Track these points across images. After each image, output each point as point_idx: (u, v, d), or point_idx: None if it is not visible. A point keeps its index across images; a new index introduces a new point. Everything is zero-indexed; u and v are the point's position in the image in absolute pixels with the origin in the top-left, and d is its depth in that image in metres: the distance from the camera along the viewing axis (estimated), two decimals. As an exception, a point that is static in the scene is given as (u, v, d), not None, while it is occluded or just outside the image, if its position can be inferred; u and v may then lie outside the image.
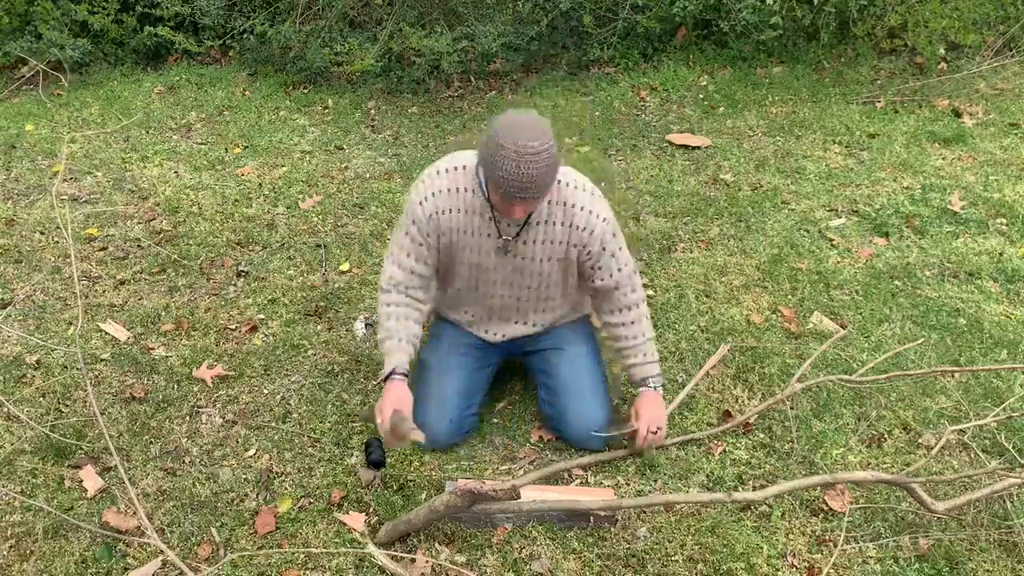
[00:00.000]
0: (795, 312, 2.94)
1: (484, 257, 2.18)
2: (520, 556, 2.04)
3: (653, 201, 3.72)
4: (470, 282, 2.25)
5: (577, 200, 2.11)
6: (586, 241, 2.14)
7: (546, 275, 2.22)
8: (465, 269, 2.22)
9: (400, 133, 4.51)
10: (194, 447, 2.40)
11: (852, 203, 3.65)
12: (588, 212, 2.11)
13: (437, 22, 4.99)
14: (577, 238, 2.14)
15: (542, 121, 1.92)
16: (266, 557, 2.05)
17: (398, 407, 2.09)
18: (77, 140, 4.36)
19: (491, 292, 2.27)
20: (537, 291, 2.27)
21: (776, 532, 2.09)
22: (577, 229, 2.12)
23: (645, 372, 2.29)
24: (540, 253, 2.17)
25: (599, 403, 2.34)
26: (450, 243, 2.15)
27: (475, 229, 2.13)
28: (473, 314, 2.37)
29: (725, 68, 5.18)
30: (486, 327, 2.38)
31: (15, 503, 2.21)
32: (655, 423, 2.23)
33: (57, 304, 3.06)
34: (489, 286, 2.25)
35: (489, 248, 2.15)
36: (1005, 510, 2.13)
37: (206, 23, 5.24)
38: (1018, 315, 2.89)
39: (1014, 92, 4.74)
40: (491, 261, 2.18)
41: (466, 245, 2.15)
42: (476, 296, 2.30)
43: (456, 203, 2.10)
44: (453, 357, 2.37)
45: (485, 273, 2.22)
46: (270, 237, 3.49)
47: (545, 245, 2.15)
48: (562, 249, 2.16)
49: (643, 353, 2.29)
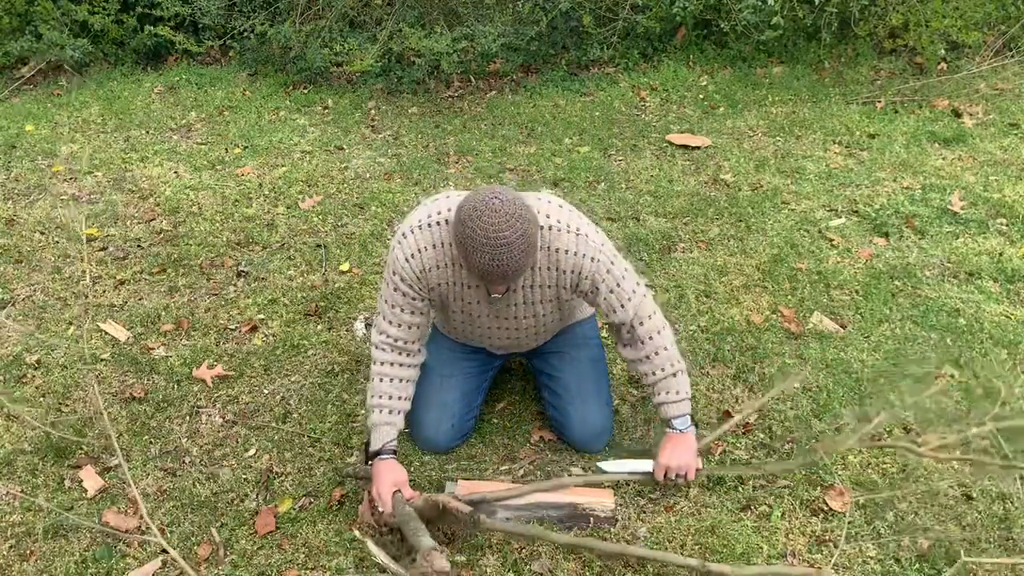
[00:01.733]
0: (795, 312, 2.94)
1: (476, 306, 2.12)
2: (520, 556, 2.04)
3: (653, 201, 3.72)
4: (465, 324, 2.21)
5: (561, 244, 1.97)
6: (576, 282, 2.03)
7: (540, 315, 2.15)
8: (459, 315, 2.17)
9: (400, 133, 4.51)
10: (194, 447, 2.40)
11: (852, 203, 3.65)
12: (574, 255, 1.98)
13: (437, 22, 4.99)
14: (565, 281, 2.03)
15: (510, 203, 1.77)
16: (266, 557, 2.06)
17: (396, 488, 2.05)
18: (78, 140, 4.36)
19: (487, 334, 2.23)
20: (534, 328, 2.21)
21: (776, 532, 2.09)
22: (564, 273, 2.01)
23: (668, 412, 2.13)
24: (530, 298, 2.09)
25: (602, 408, 2.33)
26: (440, 296, 2.09)
27: (463, 282, 2.05)
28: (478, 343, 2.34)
29: (725, 68, 5.18)
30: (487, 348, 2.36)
31: (15, 503, 2.21)
32: (677, 470, 2.12)
33: (57, 304, 3.06)
34: (484, 329, 2.20)
35: (479, 298, 2.08)
36: (1005, 510, 2.13)
37: (206, 23, 5.23)
38: (1018, 315, 2.89)
39: (1014, 92, 4.74)
40: (483, 309, 2.12)
41: (455, 297, 2.09)
42: (473, 332, 2.25)
43: (442, 258, 2.00)
44: (456, 362, 2.35)
45: (479, 319, 2.16)
46: (270, 237, 3.49)
47: (534, 290, 2.06)
48: (552, 292, 2.07)
49: (666, 391, 2.12)
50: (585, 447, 2.35)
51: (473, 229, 1.76)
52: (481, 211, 1.76)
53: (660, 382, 2.12)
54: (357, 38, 4.87)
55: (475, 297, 2.08)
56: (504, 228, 1.75)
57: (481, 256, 1.77)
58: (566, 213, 2.00)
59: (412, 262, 2.00)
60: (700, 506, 2.18)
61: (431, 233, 1.98)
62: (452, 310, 2.15)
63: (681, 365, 2.13)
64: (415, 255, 1.99)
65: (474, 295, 2.07)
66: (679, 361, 2.13)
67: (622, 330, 2.11)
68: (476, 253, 1.78)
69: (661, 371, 2.11)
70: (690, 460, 2.13)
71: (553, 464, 2.33)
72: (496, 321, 2.16)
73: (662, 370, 2.11)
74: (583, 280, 2.02)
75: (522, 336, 2.24)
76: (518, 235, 1.77)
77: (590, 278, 2.01)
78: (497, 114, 4.70)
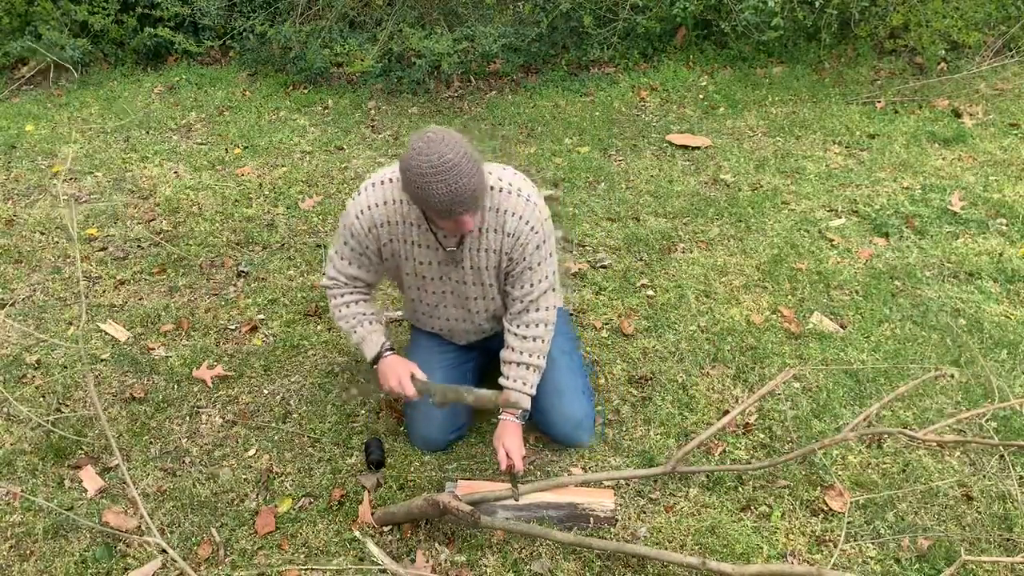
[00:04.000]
0: (795, 312, 2.93)
1: (426, 268, 2.16)
2: (520, 556, 2.04)
3: (653, 201, 3.72)
4: (420, 292, 2.25)
5: (509, 206, 2.04)
6: (511, 247, 2.08)
7: (487, 286, 2.18)
8: (412, 279, 2.22)
9: (400, 133, 4.51)
10: (194, 447, 2.40)
11: (852, 203, 3.65)
12: (519, 219, 2.04)
13: (437, 23, 4.99)
14: (508, 245, 2.08)
15: (442, 131, 1.85)
16: (266, 557, 2.06)
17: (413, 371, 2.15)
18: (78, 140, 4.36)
19: (439, 302, 2.26)
20: (484, 301, 2.24)
21: (776, 532, 2.09)
22: (508, 236, 2.06)
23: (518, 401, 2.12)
24: (479, 262, 2.12)
25: (578, 397, 2.33)
26: (392, 254, 2.15)
27: (414, 240, 2.10)
28: (440, 327, 2.37)
29: (725, 68, 5.18)
30: (450, 336, 2.39)
31: (15, 503, 2.21)
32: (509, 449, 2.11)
33: (57, 304, 3.06)
34: (435, 296, 2.24)
35: (430, 258, 2.14)
36: (1005, 510, 2.13)
37: (206, 23, 5.24)
38: (1018, 315, 2.89)
39: (1014, 92, 4.74)
40: (433, 271, 2.17)
41: (407, 255, 2.14)
42: (429, 308, 2.30)
43: (392, 215, 2.07)
44: (434, 358, 2.36)
45: (430, 284, 2.21)
46: (270, 237, 3.49)
47: (482, 254, 2.10)
48: (495, 258, 2.11)
49: (523, 380, 2.18)
50: (570, 441, 2.35)
51: (418, 164, 1.80)
52: (419, 148, 1.81)
53: (521, 367, 2.18)
54: (357, 38, 4.87)
55: (427, 257, 2.13)
56: (446, 152, 1.80)
57: (437, 187, 1.80)
58: (519, 179, 2.08)
59: (362, 218, 2.08)
60: (700, 506, 2.18)
61: (383, 190, 2.06)
62: (406, 272, 2.19)
63: (543, 365, 2.22)
64: (365, 211, 2.07)
65: (425, 254, 2.12)
66: (544, 360, 2.21)
67: (516, 303, 2.17)
68: (431, 187, 1.81)
69: (528, 356, 2.18)
70: (522, 448, 2.17)
71: (553, 464, 2.33)
72: (447, 285, 2.20)
73: (530, 356, 2.18)
74: (517, 246, 2.08)
75: (473, 312, 2.27)
76: (461, 155, 1.82)
77: (522, 245, 2.08)
78: (497, 114, 4.70)
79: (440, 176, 1.80)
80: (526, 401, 2.19)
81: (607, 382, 2.62)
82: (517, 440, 2.16)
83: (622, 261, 3.27)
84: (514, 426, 2.18)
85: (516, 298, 2.17)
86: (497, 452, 2.12)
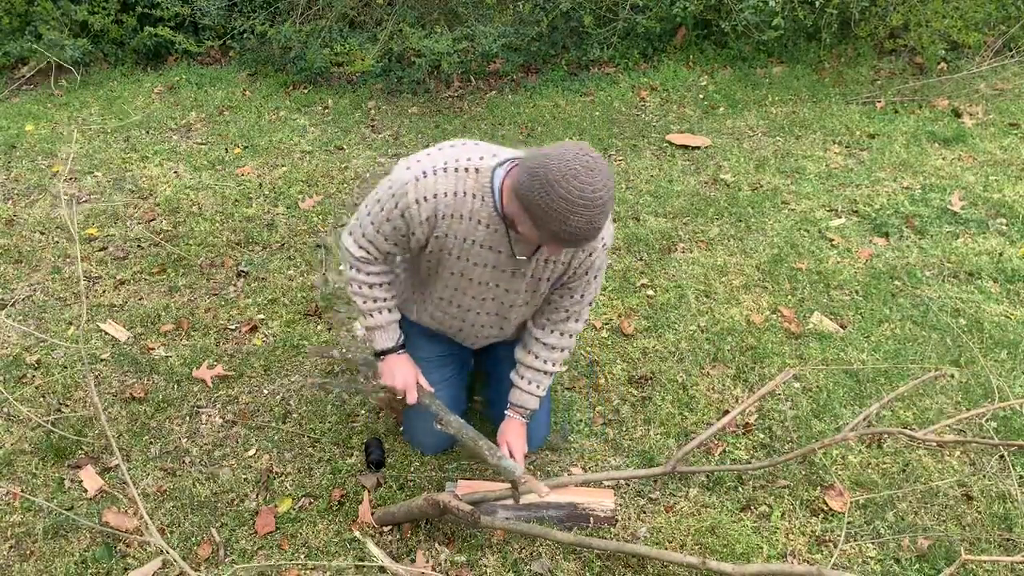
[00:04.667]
0: (795, 312, 2.93)
1: (479, 270, 1.97)
2: (520, 556, 2.04)
3: (653, 201, 3.72)
4: (453, 292, 2.06)
5: None
6: (580, 261, 1.97)
7: (540, 293, 2.06)
8: (452, 278, 2.01)
9: (400, 133, 4.51)
10: (194, 447, 2.40)
11: (852, 203, 3.65)
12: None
13: (437, 22, 4.99)
14: (579, 259, 1.97)
15: (598, 160, 1.65)
16: (266, 557, 2.06)
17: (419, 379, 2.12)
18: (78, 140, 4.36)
19: (474, 307, 2.09)
20: (527, 309, 2.12)
21: (776, 532, 2.09)
22: (583, 251, 1.95)
23: (527, 403, 2.15)
24: (543, 272, 1.99)
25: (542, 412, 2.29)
26: (441, 248, 1.92)
27: (479, 240, 1.90)
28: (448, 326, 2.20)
29: (725, 68, 5.18)
30: (461, 336, 2.23)
31: (15, 503, 2.21)
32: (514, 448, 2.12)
33: (57, 304, 3.06)
34: (473, 300, 2.06)
35: (489, 261, 1.95)
36: (1005, 510, 2.13)
37: (206, 23, 5.24)
38: (1018, 315, 2.89)
39: (1014, 92, 4.74)
40: (486, 275, 1.98)
41: (461, 254, 1.93)
42: (457, 310, 2.11)
43: (460, 209, 1.84)
44: (435, 370, 2.24)
45: (474, 287, 2.02)
46: (270, 237, 3.49)
47: (550, 265, 1.97)
48: (561, 270, 1.99)
49: (537, 383, 2.15)
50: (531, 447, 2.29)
51: (569, 191, 1.60)
52: (578, 171, 1.61)
53: (540, 373, 2.15)
54: (357, 38, 4.87)
55: (486, 259, 1.94)
56: (600, 188, 1.63)
57: (578, 220, 1.63)
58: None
59: (424, 205, 1.83)
60: (700, 506, 2.18)
61: (457, 179, 1.82)
62: (449, 270, 1.99)
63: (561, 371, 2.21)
64: (430, 198, 1.83)
65: (485, 257, 1.94)
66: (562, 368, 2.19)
67: (559, 311, 2.09)
68: (572, 217, 1.62)
69: (552, 365, 2.15)
70: (524, 447, 2.17)
71: (553, 464, 2.33)
72: (494, 292, 2.03)
73: (553, 364, 2.15)
74: (587, 260, 1.96)
75: (510, 319, 2.14)
76: (610, 195, 1.67)
77: (592, 261, 1.98)
78: (497, 114, 4.70)
79: (587, 211, 1.62)
80: (535, 403, 2.18)
81: (607, 382, 2.62)
82: (521, 440, 2.15)
83: (622, 261, 3.27)
84: (519, 425, 2.17)
85: (563, 307, 2.08)
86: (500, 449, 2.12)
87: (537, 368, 2.14)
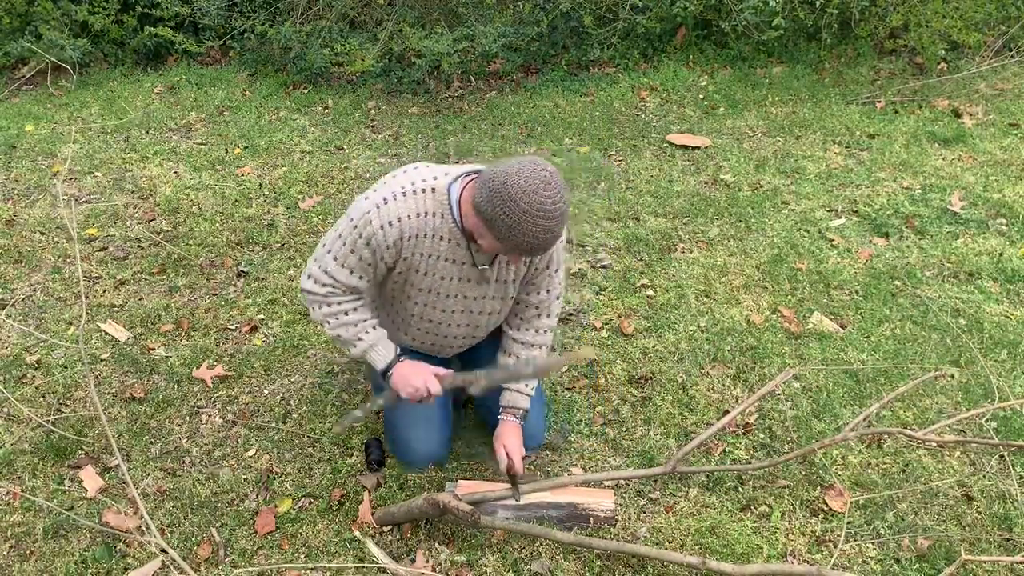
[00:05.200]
0: (795, 312, 2.93)
1: (445, 284, 2.02)
2: (520, 556, 2.04)
3: (653, 201, 3.72)
4: (424, 308, 2.09)
5: None
6: (541, 256, 2.02)
7: (508, 299, 2.11)
8: (421, 295, 2.05)
9: (400, 133, 4.51)
10: (194, 447, 2.40)
11: (852, 203, 3.65)
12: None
13: (437, 22, 4.99)
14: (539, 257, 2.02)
15: (554, 173, 1.73)
16: (266, 557, 2.06)
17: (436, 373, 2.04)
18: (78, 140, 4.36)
19: (445, 320, 2.12)
20: (497, 316, 2.16)
21: (776, 532, 2.09)
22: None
23: (518, 403, 2.16)
24: (508, 275, 2.05)
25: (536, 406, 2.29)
26: (409, 268, 1.97)
27: (443, 255, 1.95)
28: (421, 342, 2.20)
29: (725, 68, 5.18)
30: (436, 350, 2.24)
31: (15, 503, 2.21)
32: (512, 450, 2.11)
33: (57, 304, 3.06)
34: (443, 313, 2.10)
35: (453, 275, 2.00)
36: (1005, 510, 2.13)
37: (206, 23, 5.24)
38: (1018, 315, 2.89)
39: (1014, 92, 4.74)
40: (452, 287, 2.03)
41: (427, 271, 1.98)
42: (429, 324, 2.13)
43: (424, 228, 1.90)
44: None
45: (442, 300, 2.06)
46: (270, 237, 3.49)
47: (511, 267, 2.03)
48: (524, 268, 2.06)
49: (527, 383, 2.17)
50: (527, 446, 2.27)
51: (530, 204, 1.69)
52: (535, 185, 1.69)
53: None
54: (357, 38, 4.87)
55: (451, 272, 1.99)
56: (558, 200, 1.72)
57: (535, 230, 1.71)
58: None
59: (389, 230, 1.88)
60: (700, 506, 2.18)
61: (417, 201, 1.89)
62: (417, 287, 2.02)
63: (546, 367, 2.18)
64: (394, 223, 1.88)
65: (450, 270, 1.99)
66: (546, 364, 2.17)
67: (529, 308, 2.14)
68: (530, 227, 1.71)
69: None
70: (521, 449, 2.14)
71: (553, 464, 2.33)
72: (462, 303, 2.08)
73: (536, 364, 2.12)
74: (545, 256, 2.03)
75: (481, 327, 2.18)
76: (567, 204, 1.75)
77: (552, 255, 2.04)
78: (497, 114, 4.70)
79: (549, 221, 1.71)
80: (527, 403, 2.19)
81: (607, 382, 2.62)
82: (517, 441, 2.15)
83: (622, 261, 3.27)
84: (514, 426, 2.17)
85: (532, 304, 2.13)
86: (497, 452, 2.11)
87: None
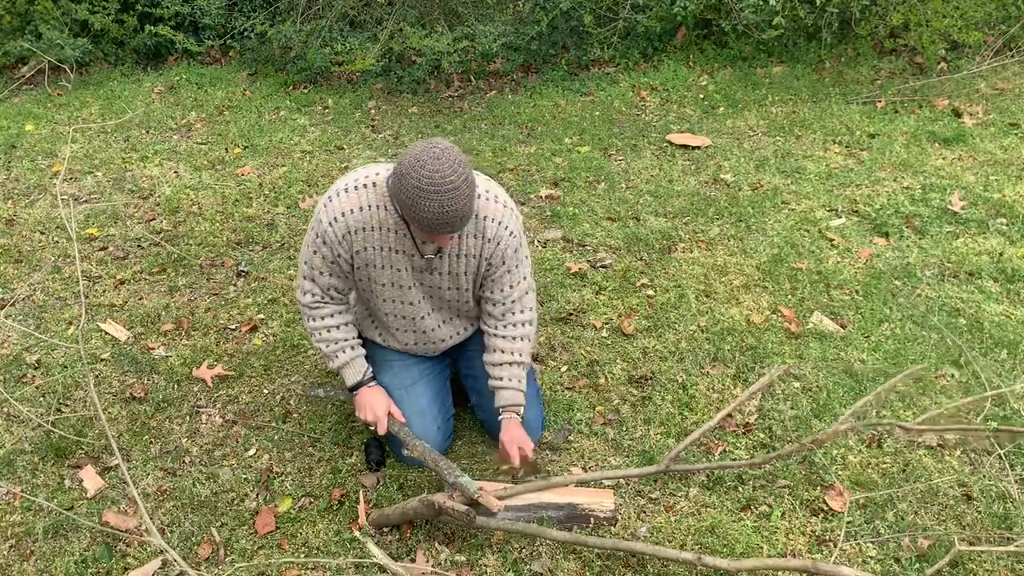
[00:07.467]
0: (795, 312, 2.93)
1: (402, 275, 2.10)
2: (520, 556, 2.04)
3: (653, 201, 3.72)
4: (395, 305, 2.17)
5: (489, 212, 2.03)
6: (491, 252, 2.06)
7: (463, 290, 2.15)
8: (386, 290, 2.13)
9: (400, 133, 4.51)
10: (194, 447, 2.40)
11: (852, 203, 3.65)
12: (497, 224, 2.03)
13: (437, 22, 5.00)
14: (488, 250, 2.06)
15: (449, 150, 1.82)
16: (266, 557, 2.06)
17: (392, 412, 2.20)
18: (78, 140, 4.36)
19: (417, 313, 2.19)
20: (458, 304, 2.21)
21: (776, 532, 2.09)
22: (487, 242, 2.05)
23: (514, 399, 2.18)
24: (455, 268, 2.09)
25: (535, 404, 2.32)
26: (365, 263, 2.07)
27: (391, 246, 2.04)
28: (405, 343, 2.29)
29: (725, 68, 5.18)
30: (425, 349, 2.32)
31: (15, 503, 2.21)
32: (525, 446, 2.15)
33: (57, 304, 3.06)
34: (410, 306, 2.17)
35: (406, 265, 2.08)
36: (1005, 509, 2.13)
37: (206, 23, 5.24)
38: (1018, 315, 2.89)
39: (1014, 92, 4.74)
40: (408, 278, 2.11)
41: (383, 263, 2.07)
42: (405, 321, 2.22)
43: (369, 220, 2.00)
44: (411, 370, 2.31)
45: (405, 292, 2.14)
46: (270, 237, 3.49)
47: (461, 260, 2.07)
48: (475, 263, 2.09)
49: (518, 379, 2.19)
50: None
51: (419, 178, 1.78)
52: (424, 161, 1.79)
53: (513, 367, 2.18)
54: (357, 38, 4.87)
55: (403, 264, 2.08)
56: (449, 173, 1.79)
57: (430, 204, 1.79)
58: (494, 185, 2.08)
59: (336, 225, 2.00)
60: (700, 506, 2.18)
61: (358, 195, 1.99)
62: (380, 282, 2.12)
63: (530, 362, 2.22)
64: (339, 218, 1.99)
65: (402, 261, 2.07)
66: (530, 358, 2.22)
67: (495, 307, 2.16)
68: (424, 202, 1.79)
69: (519, 356, 2.18)
70: (528, 439, 2.19)
71: (553, 464, 2.33)
72: (421, 292, 2.15)
73: (520, 355, 2.18)
74: (497, 252, 2.07)
75: (445, 312, 2.24)
76: (462, 179, 1.81)
77: (502, 251, 2.07)
78: (497, 114, 4.70)
79: (436, 195, 1.79)
80: (521, 398, 2.19)
81: (607, 382, 2.62)
82: (522, 433, 2.18)
83: (622, 261, 3.27)
84: (516, 424, 2.19)
85: (497, 302, 2.16)
86: (509, 450, 2.13)
87: (507, 362, 2.18)
